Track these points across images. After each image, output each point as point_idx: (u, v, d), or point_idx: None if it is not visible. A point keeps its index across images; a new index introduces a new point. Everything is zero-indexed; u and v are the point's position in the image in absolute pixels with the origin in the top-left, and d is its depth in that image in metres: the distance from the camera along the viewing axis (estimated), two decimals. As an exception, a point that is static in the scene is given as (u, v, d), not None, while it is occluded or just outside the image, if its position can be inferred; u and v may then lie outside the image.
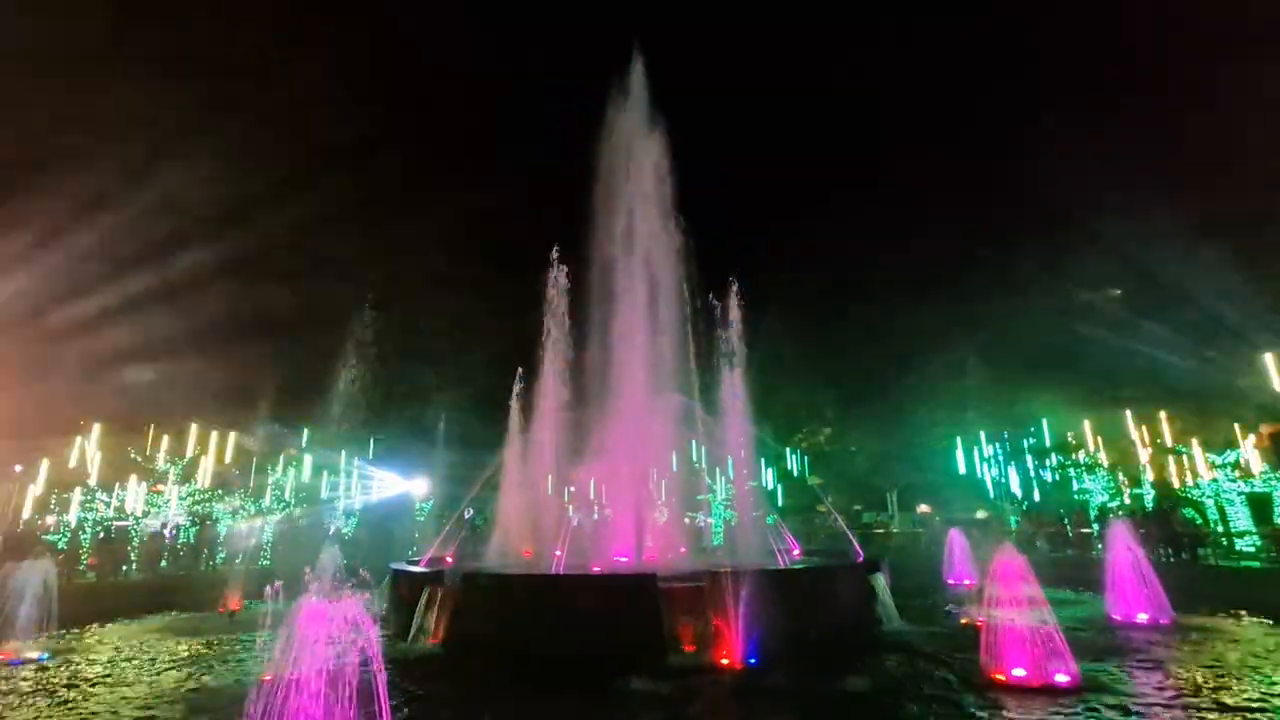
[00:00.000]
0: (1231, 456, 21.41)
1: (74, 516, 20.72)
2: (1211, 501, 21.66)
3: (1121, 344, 28.39)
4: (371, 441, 32.15)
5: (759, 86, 55.16)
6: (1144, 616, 10.55)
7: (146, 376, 28.20)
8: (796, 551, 13.94)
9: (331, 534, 24.86)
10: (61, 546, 19.36)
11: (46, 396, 25.63)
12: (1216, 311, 26.10)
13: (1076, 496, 26.49)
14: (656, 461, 15.30)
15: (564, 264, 15.74)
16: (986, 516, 30.70)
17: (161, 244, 29.79)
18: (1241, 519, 20.68)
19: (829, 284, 39.90)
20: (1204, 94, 30.82)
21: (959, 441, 34.12)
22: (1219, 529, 20.76)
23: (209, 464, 24.22)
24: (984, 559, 10.19)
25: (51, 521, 21.80)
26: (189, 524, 23.45)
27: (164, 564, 21.50)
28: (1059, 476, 27.97)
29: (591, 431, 14.59)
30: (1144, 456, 24.34)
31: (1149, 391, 25.91)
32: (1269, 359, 21.56)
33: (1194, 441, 22.57)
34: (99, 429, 22.40)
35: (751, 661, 7.77)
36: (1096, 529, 22.23)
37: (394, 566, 11.79)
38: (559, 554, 11.58)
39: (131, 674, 8.34)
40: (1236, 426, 21.75)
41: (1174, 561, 17.44)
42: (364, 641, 5.11)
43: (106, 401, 25.56)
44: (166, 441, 23.39)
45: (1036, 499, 29.39)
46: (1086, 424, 26.66)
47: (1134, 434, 24.78)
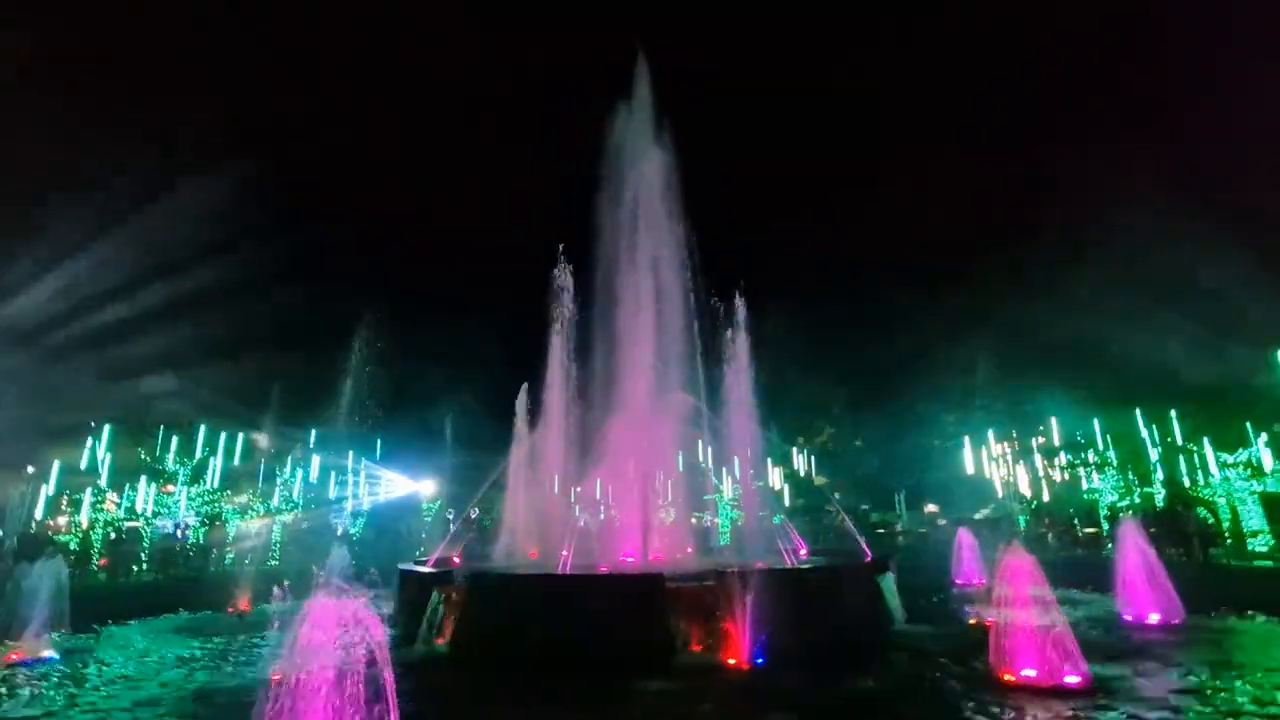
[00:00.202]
0: (1244, 455, 21.19)
1: (85, 517, 20.91)
2: (1224, 501, 21.45)
3: (1132, 342, 28.14)
4: (379, 442, 32.26)
5: (766, 86, 55.21)
6: (1155, 617, 10.43)
7: (159, 381, 28.41)
8: (804, 551, 13.87)
9: (340, 535, 24.97)
10: (73, 547, 19.54)
11: (59, 399, 25.89)
12: (1228, 308, 25.85)
13: (1086, 496, 26.30)
14: (663, 462, 15.27)
15: (570, 264, 15.75)
16: (995, 516, 30.50)
17: (182, 253, 30.23)
18: (1254, 518, 20.46)
19: (837, 283, 39.82)
20: (1219, 90, 30.57)
21: (967, 440, 33.91)
22: (1230, 528, 20.56)
23: (217, 464, 24.38)
24: (992, 558, 10.13)
25: (63, 522, 22.02)
26: (199, 524, 23.62)
27: (175, 565, 21.66)
28: (1068, 475, 27.77)
29: (597, 432, 14.57)
30: (1154, 455, 24.14)
31: (1159, 390, 25.67)
32: (1282, 356, 21.35)
33: (1205, 440, 22.37)
34: (109, 430, 22.59)
35: (758, 662, 7.73)
36: (1106, 528, 22.07)
37: (402, 567, 11.82)
38: (565, 554, 11.58)
39: (142, 673, 8.39)
40: (1249, 425, 21.52)
41: (1186, 561, 17.28)
42: (372, 641, 5.12)
43: (118, 404, 25.78)
44: (176, 442, 23.56)
45: (1046, 498, 29.19)
46: (1096, 423, 26.46)
47: (1144, 432, 24.58)
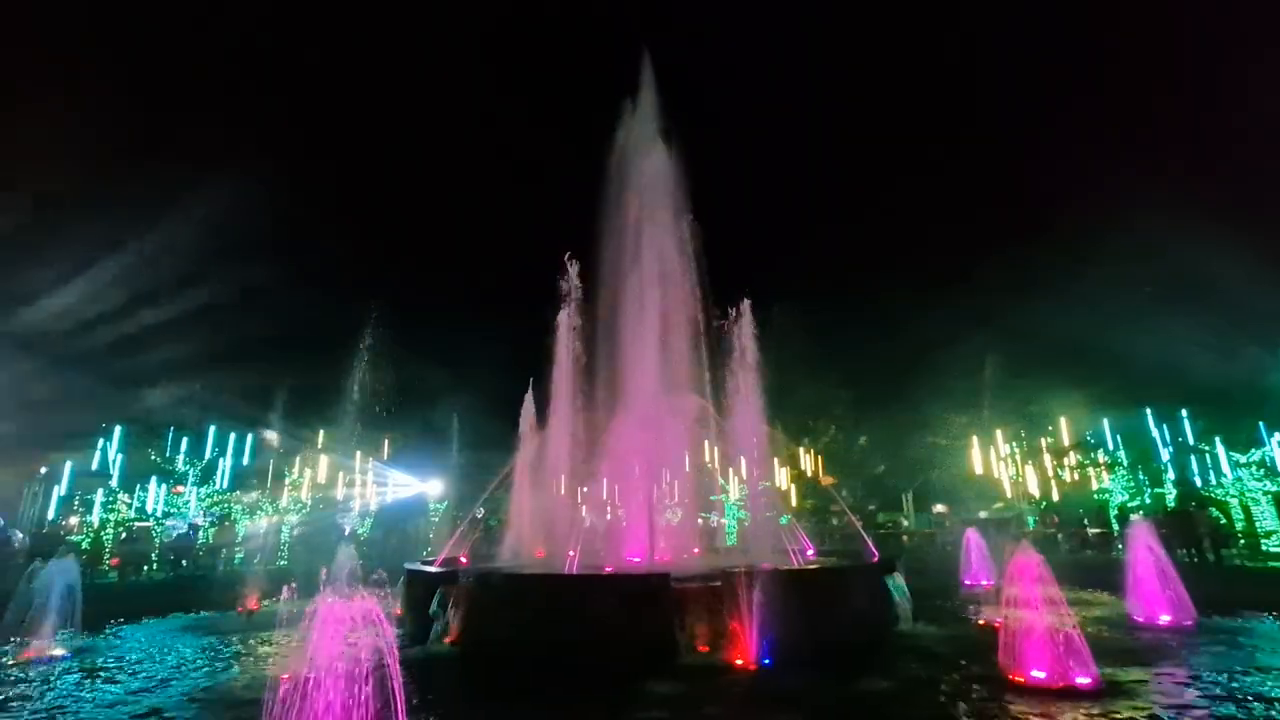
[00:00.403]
0: (1257, 455, 20.99)
1: (97, 517, 21.14)
2: (1236, 501, 21.25)
3: (1141, 340, 27.88)
4: (386, 442, 32.38)
5: (771, 86, 55.05)
6: (1167, 618, 10.33)
7: (171, 384, 28.63)
8: (810, 552, 13.82)
9: (347, 535, 25.10)
10: (85, 547, 19.73)
11: (72, 401, 26.15)
12: (1240, 307, 25.55)
13: (1096, 496, 26.08)
14: (669, 462, 15.25)
15: (576, 264, 15.76)
16: (1003, 516, 30.29)
17: (195, 259, 30.53)
18: (1268, 519, 20.27)
19: (843, 282, 39.62)
20: (1227, 86, 30.27)
21: (975, 440, 33.70)
22: (1244, 529, 20.37)
23: (227, 465, 24.59)
24: (1001, 559, 10.05)
25: (75, 522, 22.26)
26: (208, 524, 23.81)
27: (185, 565, 21.84)
28: (1077, 476, 27.56)
29: (604, 432, 14.57)
30: (1165, 455, 23.93)
31: (1170, 389, 25.42)
32: (1295, 354, 21.16)
33: (1217, 440, 22.16)
34: (120, 432, 22.83)
35: (765, 662, 7.71)
36: (1116, 528, 21.90)
37: (409, 567, 11.86)
38: (572, 554, 11.59)
39: (152, 672, 8.47)
40: (1261, 424, 21.31)
41: (1197, 562, 17.13)
42: (379, 641, 5.14)
43: (129, 407, 26.01)
44: (186, 443, 23.77)
45: (1055, 498, 28.99)
46: (1105, 422, 26.24)
47: (1154, 432, 24.36)
